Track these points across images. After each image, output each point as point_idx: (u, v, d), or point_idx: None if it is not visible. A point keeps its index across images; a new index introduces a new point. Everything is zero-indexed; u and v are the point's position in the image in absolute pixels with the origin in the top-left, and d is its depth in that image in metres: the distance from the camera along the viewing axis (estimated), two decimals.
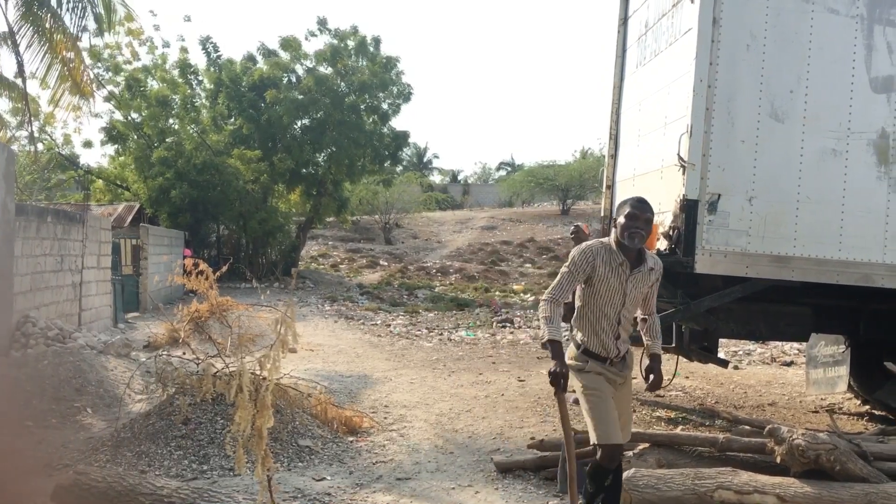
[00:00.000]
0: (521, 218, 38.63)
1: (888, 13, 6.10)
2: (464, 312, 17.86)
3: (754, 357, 11.60)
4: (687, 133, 6.14)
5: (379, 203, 34.01)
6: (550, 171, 39.92)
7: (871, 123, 6.12)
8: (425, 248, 32.90)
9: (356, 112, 23.31)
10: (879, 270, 6.13)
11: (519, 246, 32.27)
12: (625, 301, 3.99)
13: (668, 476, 4.92)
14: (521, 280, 25.29)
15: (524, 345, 13.07)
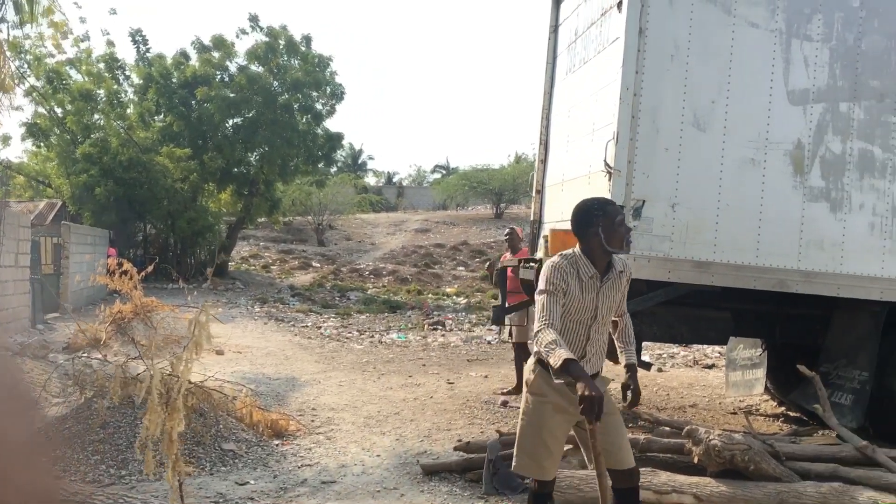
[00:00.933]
0: (455, 221, 38.78)
1: (805, 28, 6.34)
2: (396, 315, 17.82)
3: (678, 360, 11.89)
4: (613, 140, 6.25)
5: (312, 204, 33.71)
6: (485, 174, 40.19)
7: (788, 134, 6.33)
8: (359, 250, 32.74)
9: (289, 111, 23.07)
10: (794, 276, 6.35)
11: (452, 249, 32.37)
12: (595, 315, 3.60)
13: (590, 477, 4.99)
14: (454, 283, 25.37)
15: (455, 347, 13.12)
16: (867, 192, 6.38)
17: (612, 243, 3.54)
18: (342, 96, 24.14)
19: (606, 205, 3.65)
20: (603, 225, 3.54)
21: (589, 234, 3.58)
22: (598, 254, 3.56)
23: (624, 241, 3.58)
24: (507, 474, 5.40)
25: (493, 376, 10.03)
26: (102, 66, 22.95)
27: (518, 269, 8.23)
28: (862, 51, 6.39)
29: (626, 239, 3.59)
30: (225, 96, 22.24)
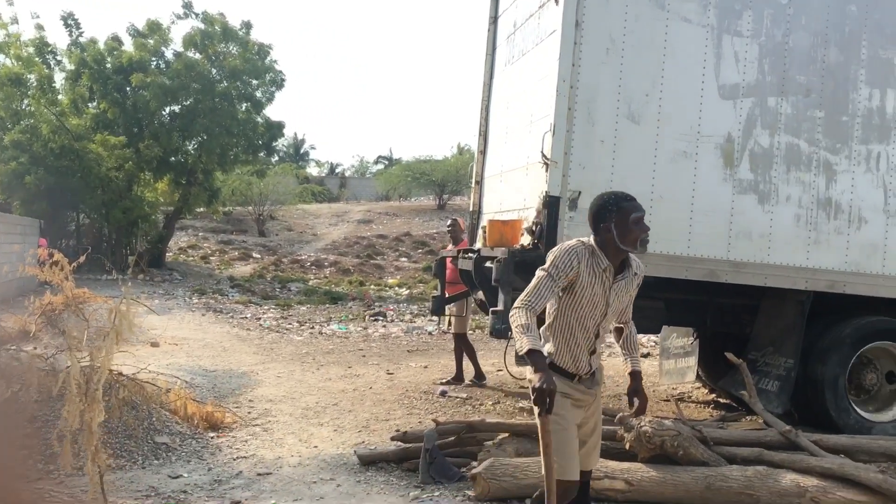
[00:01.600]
0: (397, 212, 38.68)
1: (736, 24, 6.49)
2: (337, 306, 17.72)
3: (614, 349, 12.09)
4: (550, 131, 6.32)
5: (253, 194, 33.21)
6: (427, 165, 40.16)
7: (718, 128, 6.48)
8: (300, 241, 32.42)
9: (228, 100, 22.67)
10: (724, 267, 6.52)
11: (395, 240, 32.30)
12: (606, 312, 3.44)
13: (525, 464, 5.07)
14: (396, 274, 25.33)
15: (396, 338, 13.12)
16: (793, 184, 6.58)
17: (624, 242, 3.37)
18: (283, 84, 23.83)
19: (622, 201, 3.43)
20: (616, 221, 3.36)
21: (601, 229, 3.41)
22: (612, 250, 3.39)
23: (638, 242, 3.38)
24: (443, 463, 5.44)
25: (432, 366, 10.06)
26: (32, 51, 22.20)
27: (457, 259, 8.27)
28: (789, 47, 6.57)
29: (642, 239, 3.39)
30: (161, 83, 21.73)
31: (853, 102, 6.67)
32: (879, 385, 7.07)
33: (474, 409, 7.63)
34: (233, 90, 22.90)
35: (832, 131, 6.63)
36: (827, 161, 6.61)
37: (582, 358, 3.46)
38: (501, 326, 6.31)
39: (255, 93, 23.59)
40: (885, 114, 6.70)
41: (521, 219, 6.78)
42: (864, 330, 6.87)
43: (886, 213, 6.70)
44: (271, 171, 31.48)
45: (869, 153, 6.68)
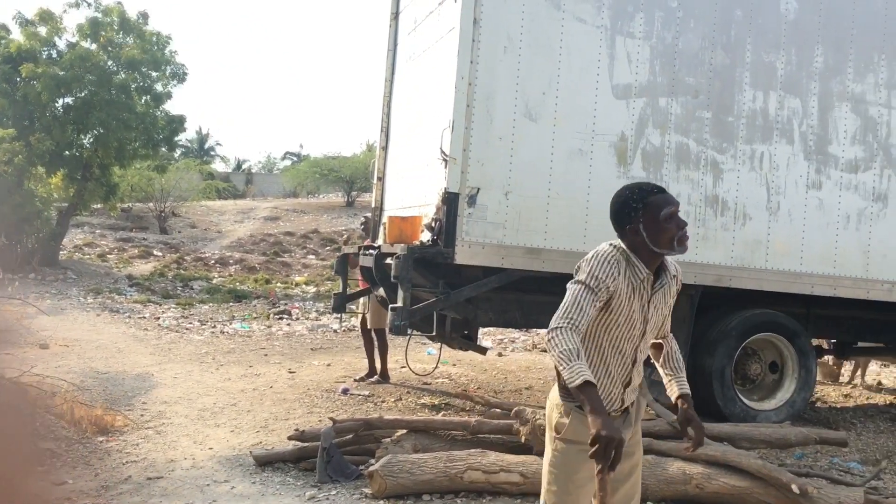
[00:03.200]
0: (305, 209, 38.20)
1: (628, 25, 6.66)
2: (241, 304, 17.36)
3: (518, 344, 12.27)
4: (449, 128, 6.35)
5: (154, 190, 32.18)
6: (336, 162, 39.83)
7: (612, 127, 6.65)
8: (204, 239, 31.62)
9: (126, 92, 21.87)
10: None
11: (303, 237, 31.88)
12: (645, 330, 2.84)
13: (422, 460, 5.07)
14: (303, 272, 25.02)
15: (300, 336, 12.95)
16: (683, 182, 6.81)
17: (659, 244, 2.77)
18: (184, 77, 23.14)
19: (648, 194, 2.83)
20: (645, 220, 2.78)
21: (627, 232, 2.82)
22: (644, 255, 2.79)
23: (675, 241, 2.77)
24: (340, 461, 5.40)
25: (336, 364, 9.97)
26: None
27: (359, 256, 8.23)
28: (679, 49, 6.79)
29: (680, 237, 2.77)
30: (54, 74, 20.77)
31: (738, 104, 6.95)
32: (763, 375, 7.40)
33: (376, 406, 7.60)
34: (131, 82, 22.11)
35: (719, 131, 6.89)
36: (714, 160, 6.87)
37: (613, 392, 2.83)
38: (401, 323, 6.31)
39: (155, 85, 22.84)
40: (768, 115, 7.01)
41: (420, 215, 6.79)
42: (748, 322, 7.17)
43: (769, 211, 7.01)
44: (173, 167, 30.60)
45: (753, 153, 6.97)
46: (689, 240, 2.79)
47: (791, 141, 7.04)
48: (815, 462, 6.17)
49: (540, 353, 11.55)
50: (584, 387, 2.50)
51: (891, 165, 7.26)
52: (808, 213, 7.06)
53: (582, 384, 2.50)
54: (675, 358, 3.09)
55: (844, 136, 7.16)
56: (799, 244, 7.03)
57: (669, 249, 2.78)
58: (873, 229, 7.22)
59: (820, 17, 7.14)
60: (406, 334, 7.02)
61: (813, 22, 7.12)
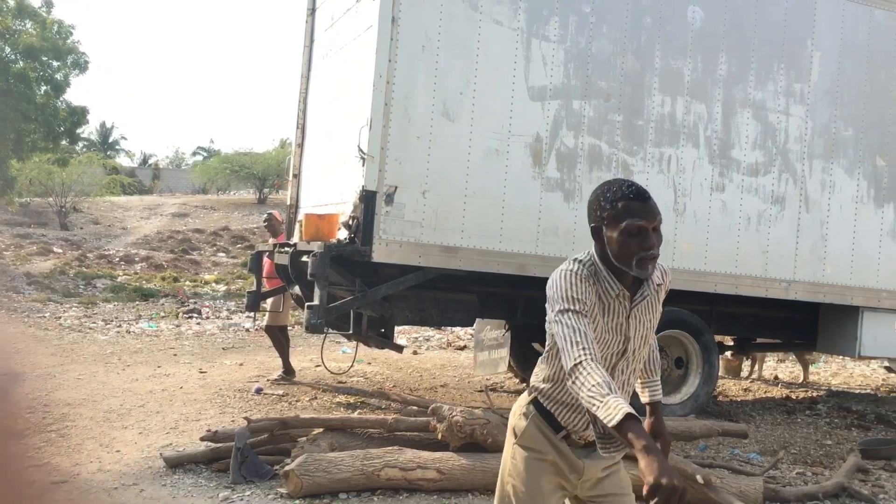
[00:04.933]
0: (215, 206, 37.34)
1: (543, 29, 6.79)
2: (148, 303, 16.85)
3: (432, 343, 12.33)
4: (367, 126, 6.34)
5: (54, 184, 30.85)
6: (248, 158, 39.06)
7: (528, 128, 6.77)
8: (108, 235, 30.52)
9: (24, 81, 20.93)
10: (533, 261, 6.81)
11: (213, 235, 31.15)
12: (625, 350, 2.46)
13: (339, 458, 5.05)
14: (213, 270, 24.46)
15: (211, 335, 12.67)
16: (595, 183, 6.89)
17: (618, 257, 2.35)
18: (86, 67, 22.31)
19: (622, 198, 2.34)
20: (608, 226, 2.36)
21: (593, 233, 2.44)
22: (613, 265, 2.40)
23: (635, 260, 2.33)
24: (255, 461, 5.32)
25: (248, 364, 9.81)
26: None
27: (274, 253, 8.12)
28: (592, 53, 6.96)
29: (642, 256, 2.32)
30: None
31: (648, 108, 7.17)
32: (669, 370, 7.67)
33: (290, 405, 7.51)
34: (30, 71, 21.17)
35: (629, 134, 7.10)
36: (625, 162, 7.07)
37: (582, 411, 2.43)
38: (317, 321, 6.26)
39: (56, 75, 21.95)
40: (676, 119, 7.26)
41: (337, 213, 6.75)
42: None
43: (676, 212, 7.26)
44: (75, 160, 29.43)
45: (661, 156, 7.21)
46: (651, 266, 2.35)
47: (697, 145, 7.32)
48: (717, 453, 6.43)
49: (455, 351, 11.64)
50: (626, 422, 2.05)
51: (788, 170, 7.63)
52: (711, 214, 7.35)
53: (623, 420, 2.04)
54: (653, 359, 2.74)
55: (746, 141, 7.49)
56: (703, 244, 7.32)
57: (627, 268, 2.35)
58: (772, 230, 7.57)
59: (724, 26, 7.44)
60: (323, 332, 6.97)
61: (717, 31, 7.41)
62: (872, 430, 7.93)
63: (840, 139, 7.82)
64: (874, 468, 6.27)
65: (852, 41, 7.84)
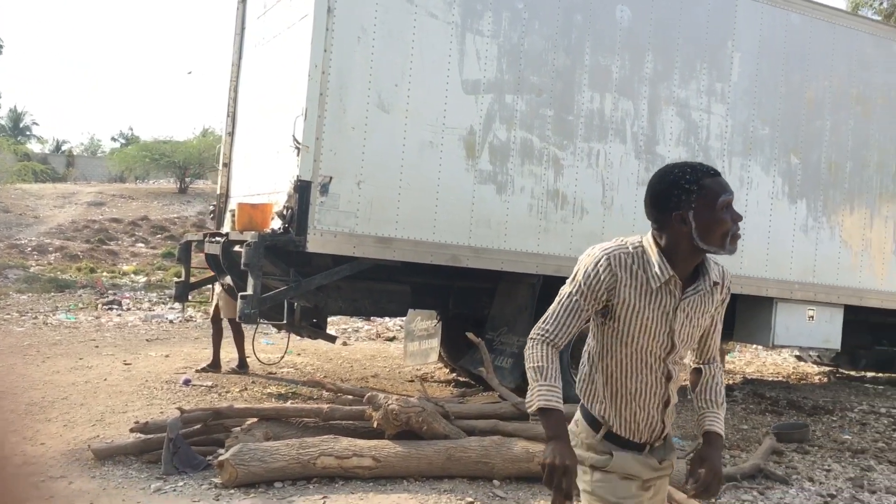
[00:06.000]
0: (133, 195, 36.27)
1: (478, 23, 6.89)
2: (64, 294, 16.32)
3: (362, 334, 12.34)
4: (302, 116, 6.32)
5: None
6: (168, 146, 38.07)
7: (462, 121, 6.86)
8: (19, 224, 29.33)
9: None
10: (465, 252, 6.91)
11: (131, 224, 30.29)
12: (673, 343, 2.32)
13: (274, 448, 5.05)
14: (132, 260, 23.83)
15: (133, 327, 12.37)
16: (527, 176, 7.13)
17: (708, 239, 2.23)
18: None
19: (704, 176, 2.25)
20: (697, 207, 2.22)
21: (671, 220, 2.25)
22: (683, 251, 2.26)
23: (728, 238, 2.23)
24: (187, 452, 5.27)
25: (175, 355, 9.63)
26: None
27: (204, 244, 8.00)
28: (525, 49, 7.10)
29: (735, 230, 2.24)
30: None
31: (578, 104, 7.35)
32: None
33: (220, 396, 7.43)
34: None
35: (560, 129, 7.26)
36: (555, 156, 7.24)
37: (650, 417, 2.37)
38: (251, 311, 6.22)
39: None
40: (604, 115, 7.47)
41: (271, 203, 6.71)
42: None
43: (604, 205, 7.47)
44: None
45: (590, 150, 7.40)
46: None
47: (624, 140, 7.54)
48: None
49: (384, 342, 11.68)
50: (541, 411, 2.20)
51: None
52: (638, 208, 7.58)
53: (538, 409, 2.20)
54: (714, 390, 2.51)
55: (670, 138, 7.75)
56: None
57: (719, 247, 2.23)
58: None
59: (650, 26, 7.67)
60: (256, 322, 6.92)
61: (644, 31, 7.64)
62: (785, 414, 8.34)
63: (757, 137, 8.17)
64: (787, 450, 6.62)
65: (770, 43, 8.20)
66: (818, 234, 8.50)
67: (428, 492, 4.95)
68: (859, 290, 8.81)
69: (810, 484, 5.74)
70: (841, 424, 8.07)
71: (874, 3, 21.62)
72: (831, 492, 5.57)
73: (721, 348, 11.23)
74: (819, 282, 8.52)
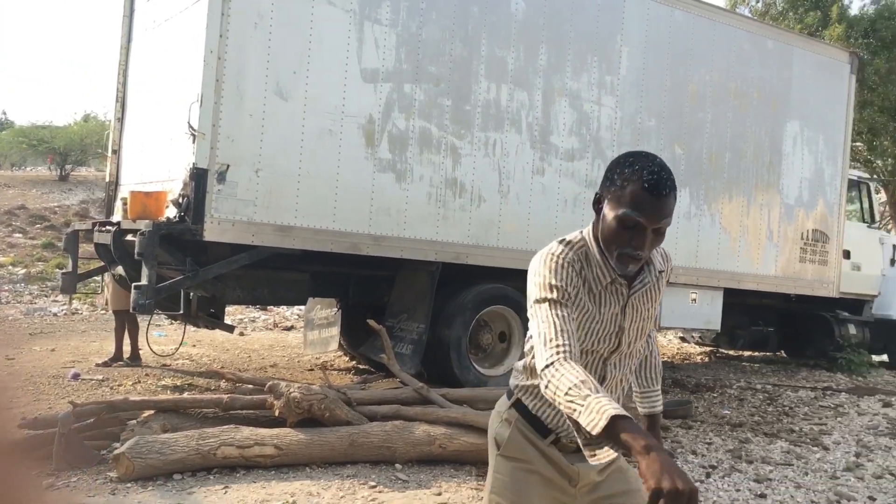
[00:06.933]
0: (9, 182, 34.34)
1: (376, 12, 6.91)
2: None
3: (259, 323, 12.19)
4: (198, 102, 6.20)
5: None
6: (46, 132, 36.20)
7: (361, 109, 6.87)
8: None
9: None
10: (365, 240, 6.95)
11: (7, 214, 28.70)
12: (619, 343, 2.18)
13: (172, 440, 4.97)
14: (9, 251, 22.61)
15: (14, 321, 11.79)
16: (426, 165, 7.22)
17: (604, 239, 2.09)
18: None
19: (637, 174, 2.02)
20: (609, 201, 2.08)
21: (595, 206, 2.17)
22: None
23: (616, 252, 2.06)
24: (80, 447, 5.12)
25: (61, 349, 9.26)
26: None
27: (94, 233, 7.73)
28: (423, 39, 7.17)
29: (624, 252, 2.05)
30: None
31: (475, 94, 7.49)
32: (494, 344, 8.08)
33: (112, 390, 7.22)
34: None
35: (458, 118, 7.38)
36: (453, 145, 7.36)
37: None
38: (145, 302, 6.08)
39: None
40: (501, 106, 7.63)
41: (165, 191, 6.56)
42: (482, 296, 7.79)
43: (501, 194, 7.65)
44: None
45: (487, 140, 7.56)
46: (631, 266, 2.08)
47: (520, 130, 7.73)
48: None
49: (282, 332, 11.58)
50: (616, 424, 1.72)
51: (600, 156, 8.23)
52: (533, 196, 7.81)
53: (613, 418, 1.72)
54: (653, 365, 2.46)
55: (563, 128, 8.00)
56: (526, 224, 7.76)
57: (608, 255, 2.09)
58: (586, 212, 8.14)
59: (544, 18, 7.88)
60: (151, 313, 6.76)
61: (538, 23, 7.85)
62: (670, 392, 8.79)
63: (644, 129, 8.54)
64: (672, 426, 6.99)
65: (656, 38, 8.56)
66: (700, 221, 8.96)
67: (331, 478, 4.99)
68: (737, 273, 9.35)
69: (693, 456, 6.10)
70: (721, 400, 8.57)
71: (750, 2, 22.79)
72: (713, 463, 5.93)
73: None
74: (701, 266, 9.00)
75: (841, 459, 6.24)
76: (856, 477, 5.80)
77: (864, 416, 7.95)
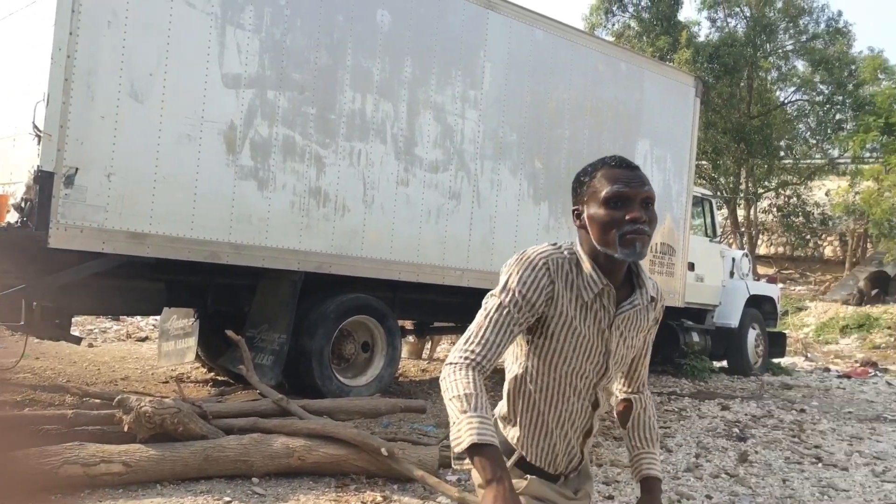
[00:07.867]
0: None
1: (239, 17, 6.78)
2: None
3: (110, 334, 11.63)
4: (44, 102, 5.88)
5: None
6: None
7: (222, 115, 6.72)
8: None
9: None
10: (225, 249, 6.79)
11: None
12: (607, 365, 2.06)
13: (11, 458, 4.67)
14: None
15: None
16: (289, 173, 7.14)
17: (599, 237, 1.97)
18: None
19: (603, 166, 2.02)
20: (588, 202, 2.00)
21: (577, 220, 2.05)
22: (596, 255, 2.00)
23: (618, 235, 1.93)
24: None
25: None
26: None
27: None
28: (287, 46, 7.10)
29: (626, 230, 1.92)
30: None
31: (340, 103, 7.47)
32: (356, 354, 8.07)
33: None
34: None
35: (322, 127, 7.35)
36: (318, 154, 7.31)
37: (569, 446, 2.11)
38: None
39: None
40: (366, 116, 7.66)
41: (6, 194, 6.17)
42: (344, 306, 7.77)
43: (365, 204, 7.66)
44: None
45: (352, 149, 7.56)
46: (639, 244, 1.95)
47: (384, 141, 7.78)
48: (399, 428, 6.93)
49: (136, 343, 11.11)
50: (474, 448, 1.78)
51: (463, 168, 8.40)
52: (397, 207, 7.87)
53: (471, 446, 1.78)
54: (648, 425, 2.28)
55: (428, 140, 8.11)
56: (389, 235, 7.81)
57: (612, 248, 1.94)
58: (449, 223, 8.29)
59: (410, 31, 7.98)
60: None
61: (404, 35, 7.93)
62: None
63: (506, 143, 8.78)
64: None
65: (517, 55, 8.83)
66: (559, 234, 9.29)
67: (183, 494, 4.84)
68: None
69: None
70: None
71: (607, 25, 23.91)
72: None
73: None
74: None
75: (682, 461, 6.62)
76: (695, 477, 6.17)
77: (705, 419, 8.46)
